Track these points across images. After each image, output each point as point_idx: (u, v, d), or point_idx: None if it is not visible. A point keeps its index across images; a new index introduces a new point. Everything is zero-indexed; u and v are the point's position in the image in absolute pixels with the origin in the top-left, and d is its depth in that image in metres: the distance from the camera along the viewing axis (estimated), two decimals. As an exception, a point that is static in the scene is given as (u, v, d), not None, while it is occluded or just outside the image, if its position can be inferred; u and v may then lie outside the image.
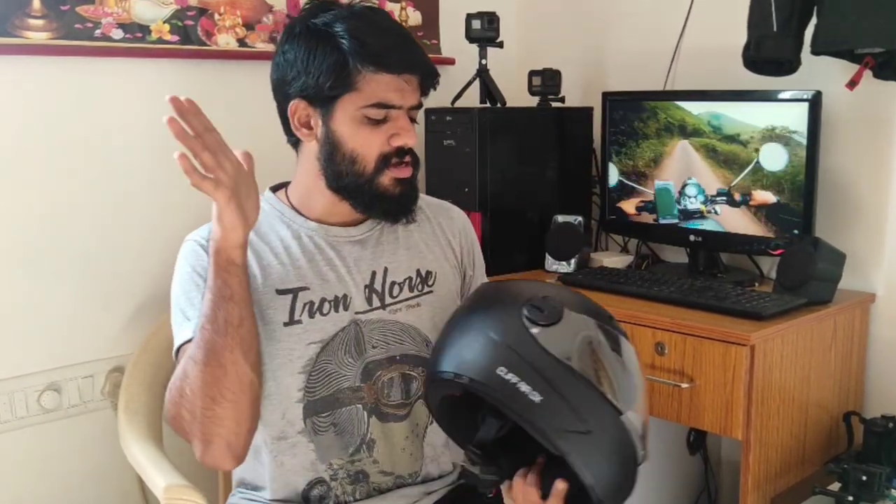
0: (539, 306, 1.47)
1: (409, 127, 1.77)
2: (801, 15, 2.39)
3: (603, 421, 1.42)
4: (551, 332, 1.44)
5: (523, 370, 1.41)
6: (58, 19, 2.31)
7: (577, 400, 1.40)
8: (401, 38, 1.78)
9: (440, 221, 2.00)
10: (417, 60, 1.77)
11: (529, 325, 1.45)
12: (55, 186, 2.35)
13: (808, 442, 2.41)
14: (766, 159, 2.54)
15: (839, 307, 2.42)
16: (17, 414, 2.33)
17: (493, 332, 1.47)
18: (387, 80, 1.72)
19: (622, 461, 1.47)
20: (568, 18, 3.31)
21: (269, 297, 1.76)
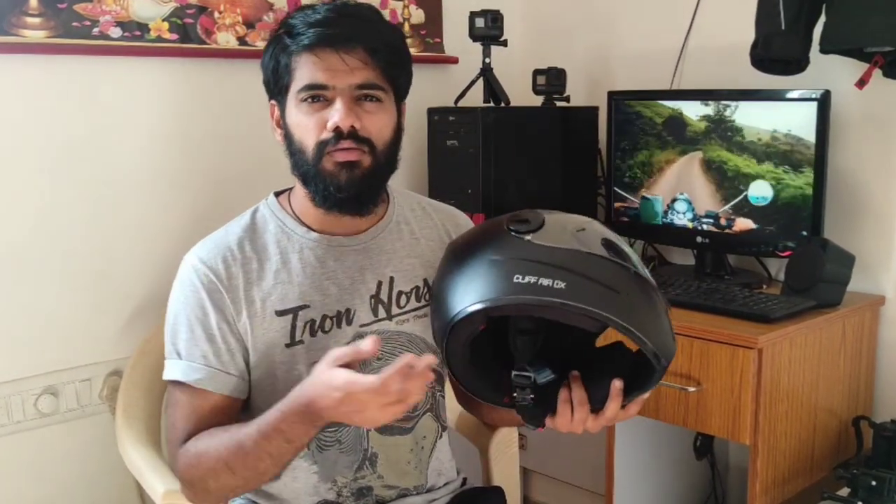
0: (520, 219, 1.53)
1: (343, 107, 1.68)
2: (809, 13, 2.39)
3: (622, 279, 1.48)
4: (542, 234, 1.50)
5: (536, 268, 1.44)
6: (55, 17, 2.31)
7: (593, 271, 1.46)
8: (338, 15, 1.72)
9: (447, 227, 1.97)
10: (346, 35, 1.69)
11: (519, 236, 1.51)
12: (52, 187, 2.36)
13: (816, 447, 2.41)
14: (754, 192, 2.58)
15: (848, 310, 2.42)
16: (14, 418, 2.33)
17: (492, 255, 1.51)
18: (313, 61, 1.68)
19: (655, 311, 1.51)
20: (573, 16, 3.31)
21: (268, 320, 1.75)
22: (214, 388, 1.72)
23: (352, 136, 1.69)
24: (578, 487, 3.27)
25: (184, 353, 1.73)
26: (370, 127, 1.71)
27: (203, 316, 1.73)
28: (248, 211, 1.86)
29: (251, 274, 1.76)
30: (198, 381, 1.71)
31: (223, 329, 1.73)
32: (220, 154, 2.63)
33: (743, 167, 2.58)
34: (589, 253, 1.48)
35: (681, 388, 2.25)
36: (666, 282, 2.56)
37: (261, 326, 1.74)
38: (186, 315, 1.74)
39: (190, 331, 1.73)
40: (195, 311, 1.74)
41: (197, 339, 1.73)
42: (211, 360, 1.72)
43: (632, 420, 2.43)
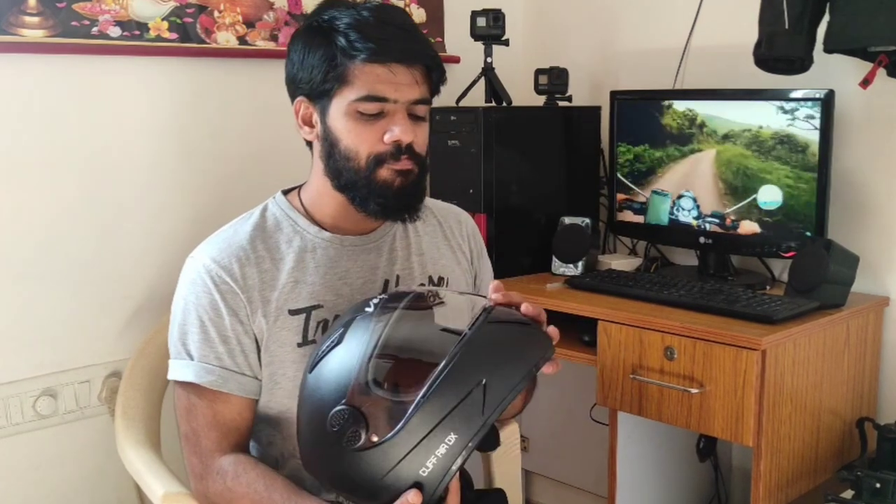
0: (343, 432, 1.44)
1: (405, 122, 1.71)
2: (813, 12, 2.39)
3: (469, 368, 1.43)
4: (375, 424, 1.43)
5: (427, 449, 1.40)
6: (54, 16, 2.31)
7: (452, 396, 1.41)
8: (399, 29, 1.73)
9: (450, 225, 2.00)
10: (414, 51, 1.72)
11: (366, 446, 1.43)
12: (51, 188, 2.35)
13: (820, 448, 2.41)
14: (763, 197, 2.57)
15: (852, 311, 2.42)
16: (12, 420, 2.33)
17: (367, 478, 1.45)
18: (378, 72, 1.68)
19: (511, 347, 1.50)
20: (575, 15, 3.31)
21: (282, 318, 1.75)
22: (230, 389, 1.72)
23: (409, 151, 1.72)
24: (580, 489, 3.27)
25: (196, 355, 1.73)
26: (420, 142, 1.75)
27: (217, 317, 1.73)
28: (257, 209, 1.86)
29: (265, 273, 1.76)
30: (212, 383, 1.71)
31: (237, 330, 1.73)
32: (220, 154, 2.63)
33: (750, 168, 2.58)
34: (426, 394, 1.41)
35: (683, 390, 2.25)
36: (668, 282, 2.56)
37: (275, 325, 1.75)
38: (198, 315, 1.74)
39: (203, 332, 1.73)
40: (208, 312, 1.73)
41: (211, 341, 1.73)
42: (226, 362, 1.73)
43: (634, 422, 2.45)
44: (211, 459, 1.72)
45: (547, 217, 2.92)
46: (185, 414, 1.76)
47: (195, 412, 1.74)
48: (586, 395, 2.76)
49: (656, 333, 2.30)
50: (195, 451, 1.74)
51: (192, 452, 1.75)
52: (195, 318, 1.74)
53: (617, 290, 2.55)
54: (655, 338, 2.30)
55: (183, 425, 1.77)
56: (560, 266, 2.82)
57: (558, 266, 2.83)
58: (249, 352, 1.74)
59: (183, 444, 1.77)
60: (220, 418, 1.73)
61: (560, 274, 2.81)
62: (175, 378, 1.75)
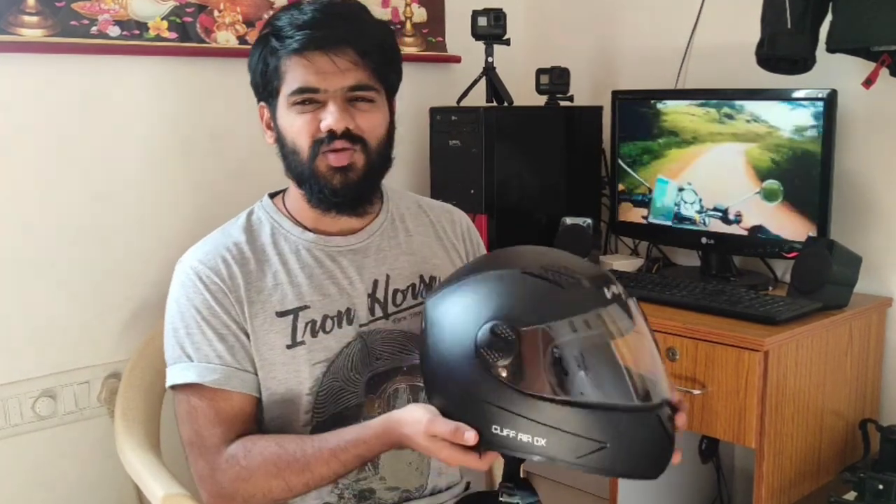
0: (490, 346, 1.43)
1: (336, 109, 1.70)
2: (815, 11, 2.39)
3: (609, 428, 1.41)
4: (515, 367, 1.42)
5: (513, 421, 1.41)
6: (53, 16, 2.31)
7: (577, 426, 1.40)
8: (325, 16, 1.73)
9: (443, 224, 2.00)
10: (337, 37, 1.71)
11: (492, 367, 1.42)
12: (49, 188, 2.35)
13: (823, 450, 2.41)
14: (765, 192, 2.58)
15: (855, 312, 2.42)
16: (11, 421, 2.33)
17: (466, 386, 1.46)
18: (304, 64, 1.70)
19: (641, 452, 1.45)
20: (577, 15, 3.32)
21: (269, 321, 1.75)
22: (233, 386, 1.72)
23: (345, 136, 1.72)
24: (582, 491, 3.27)
25: (196, 355, 1.72)
26: (363, 126, 1.74)
27: (211, 316, 1.73)
28: (243, 213, 1.88)
29: (250, 275, 1.77)
30: (216, 382, 1.71)
31: (233, 328, 1.74)
32: (220, 154, 2.63)
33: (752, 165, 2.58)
34: (567, 402, 1.41)
35: (686, 391, 2.25)
36: (671, 283, 2.56)
37: (262, 328, 1.75)
38: (193, 316, 1.74)
39: (200, 331, 1.73)
40: (202, 311, 1.74)
41: (209, 339, 1.73)
42: (226, 359, 1.72)
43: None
44: (217, 454, 1.70)
45: (548, 217, 2.92)
46: (187, 418, 1.74)
47: (196, 414, 1.73)
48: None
49: (658, 334, 2.29)
50: (201, 453, 1.72)
51: (197, 456, 1.73)
52: (191, 319, 1.75)
53: (618, 291, 2.55)
54: (657, 339, 2.30)
55: (185, 431, 1.75)
56: (561, 267, 2.82)
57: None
58: (247, 348, 1.75)
59: (188, 452, 1.75)
60: (222, 415, 1.72)
61: (561, 274, 2.80)
62: (176, 382, 1.74)
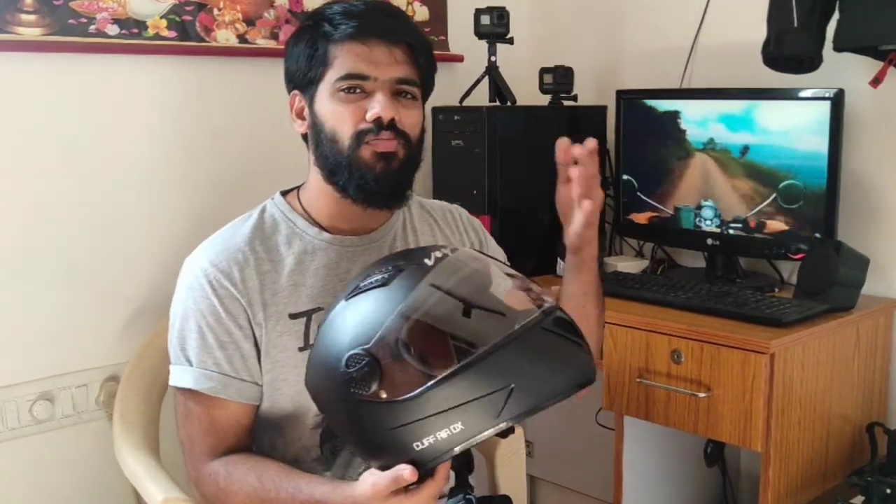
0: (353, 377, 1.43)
1: (386, 99, 1.70)
2: (822, 10, 2.39)
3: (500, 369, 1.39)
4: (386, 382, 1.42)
5: (422, 428, 1.40)
6: (51, 14, 2.32)
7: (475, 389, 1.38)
8: (378, 10, 1.76)
9: (447, 221, 2.00)
10: (395, 30, 1.73)
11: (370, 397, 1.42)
12: (48, 189, 2.36)
13: (830, 454, 2.41)
14: (784, 194, 2.56)
15: (862, 314, 2.42)
16: (9, 425, 2.34)
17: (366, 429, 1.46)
18: (357, 50, 1.70)
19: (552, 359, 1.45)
20: (581, 13, 3.32)
21: (282, 323, 1.75)
22: (229, 395, 1.73)
23: (391, 128, 1.71)
24: (586, 496, 3.27)
25: (195, 361, 1.73)
26: (406, 121, 1.74)
27: (216, 322, 1.73)
28: (255, 210, 1.86)
29: (265, 276, 1.76)
30: (211, 390, 1.72)
31: (236, 335, 1.73)
32: (220, 154, 2.63)
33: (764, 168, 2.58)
34: (449, 376, 1.39)
35: (691, 394, 2.25)
36: (675, 285, 2.56)
37: (275, 329, 1.75)
38: (196, 321, 1.74)
39: (201, 337, 1.73)
40: (206, 317, 1.74)
41: (209, 347, 1.73)
42: (224, 367, 1.73)
43: (641, 426, 2.45)
44: (203, 464, 1.72)
45: (551, 218, 2.89)
46: (183, 420, 1.76)
47: (191, 418, 1.74)
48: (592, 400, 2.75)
49: (663, 336, 2.31)
50: (190, 457, 1.75)
51: (188, 458, 1.76)
52: (194, 324, 1.74)
53: (623, 293, 2.55)
54: (662, 341, 2.31)
55: (181, 431, 1.77)
56: (565, 268, 2.82)
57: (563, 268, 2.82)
58: (249, 357, 1.74)
59: (183, 450, 1.78)
60: (216, 424, 1.73)
61: (565, 276, 2.81)
62: (175, 384, 1.76)
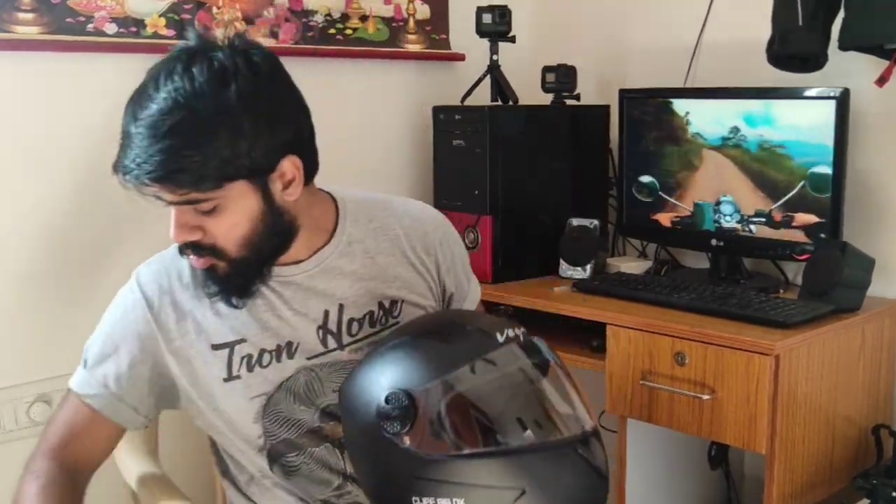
0: (388, 413, 1.45)
1: (173, 225, 1.61)
2: (827, 8, 2.39)
3: (524, 472, 1.43)
4: (417, 433, 1.44)
5: (429, 488, 1.42)
6: (48, 13, 2.32)
7: (491, 478, 1.42)
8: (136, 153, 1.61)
9: (412, 239, 1.88)
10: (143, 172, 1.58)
11: (395, 440, 1.45)
12: (46, 189, 2.36)
13: (835, 456, 2.40)
14: (813, 181, 2.51)
15: (868, 315, 2.42)
16: (6, 427, 2.34)
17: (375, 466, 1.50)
18: None
19: (564, 487, 1.46)
20: (583, 11, 3.31)
21: (205, 353, 1.74)
22: (101, 408, 1.74)
23: (192, 248, 1.64)
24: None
25: (89, 363, 1.75)
26: (214, 231, 1.62)
27: (120, 339, 1.74)
28: None
29: (185, 304, 1.75)
30: (88, 397, 1.73)
31: (135, 357, 1.73)
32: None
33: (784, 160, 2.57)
34: (475, 455, 1.43)
35: (695, 396, 2.25)
36: (679, 286, 2.55)
37: (198, 358, 1.74)
38: (106, 329, 1.76)
39: (103, 344, 1.75)
40: (115, 329, 1.75)
41: (104, 358, 1.74)
42: (110, 381, 1.73)
43: (644, 429, 2.44)
44: (39, 456, 1.73)
45: (554, 218, 2.92)
46: (58, 406, 1.79)
47: (62, 409, 1.77)
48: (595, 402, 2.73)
49: (666, 338, 2.30)
50: (42, 437, 1.75)
51: (42, 436, 1.76)
52: (105, 331, 1.76)
53: (626, 294, 2.55)
54: (666, 343, 2.30)
55: (52, 414, 1.80)
56: (567, 269, 2.82)
57: (566, 269, 2.83)
58: (142, 383, 1.74)
59: None
60: (76, 426, 1.74)
61: (567, 277, 2.81)
62: (71, 383, 1.78)
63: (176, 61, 1.65)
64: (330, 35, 2.85)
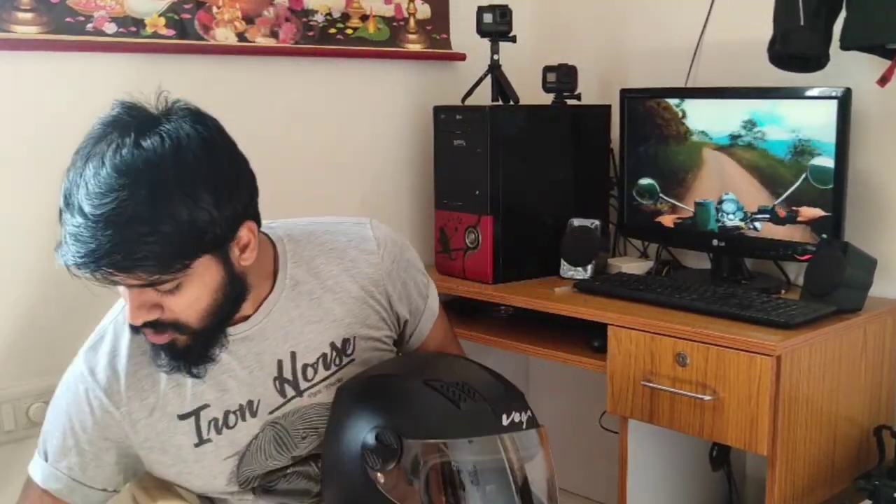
0: (375, 448, 1.51)
1: (130, 306, 1.58)
2: (829, 8, 2.39)
3: None
4: (394, 474, 1.50)
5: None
6: (47, 13, 2.32)
7: None
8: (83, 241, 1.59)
9: (356, 277, 1.85)
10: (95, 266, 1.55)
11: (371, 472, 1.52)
12: (45, 190, 2.34)
13: (836, 457, 2.40)
14: (816, 172, 2.51)
15: (870, 315, 2.41)
16: (5, 428, 2.33)
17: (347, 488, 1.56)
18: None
19: None
20: (585, 11, 3.31)
21: (172, 424, 1.74)
22: (73, 500, 1.75)
23: (151, 326, 1.61)
24: (590, 500, 3.27)
25: (50, 458, 1.75)
26: (173, 308, 1.60)
27: (81, 430, 1.74)
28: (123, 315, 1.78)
29: (143, 382, 1.74)
30: (57, 491, 1.75)
31: (99, 446, 1.74)
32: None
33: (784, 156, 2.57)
34: None
35: (696, 397, 2.24)
36: (680, 286, 2.55)
37: (166, 430, 1.75)
38: (63, 423, 1.76)
39: (63, 439, 1.75)
40: (74, 422, 1.75)
41: (67, 450, 1.75)
42: (75, 473, 1.75)
43: (645, 430, 2.44)
44: None
45: (555, 219, 2.92)
46: (22, 495, 1.81)
47: (26, 499, 1.80)
48: (596, 403, 2.75)
49: (668, 339, 2.30)
50: None
51: None
52: (60, 424, 1.76)
53: (627, 295, 2.55)
54: (667, 343, 2.30)
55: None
56: (568, 269, 2.82)
57: (567, 269, 2.82)
58: (107, 466, 1.76)
59: None
60: None
61: (568, 277, 2.81)
62: (29, 472, 1.79)
63: (118, 135, 1.58)
64: (330, 35, 2.85)
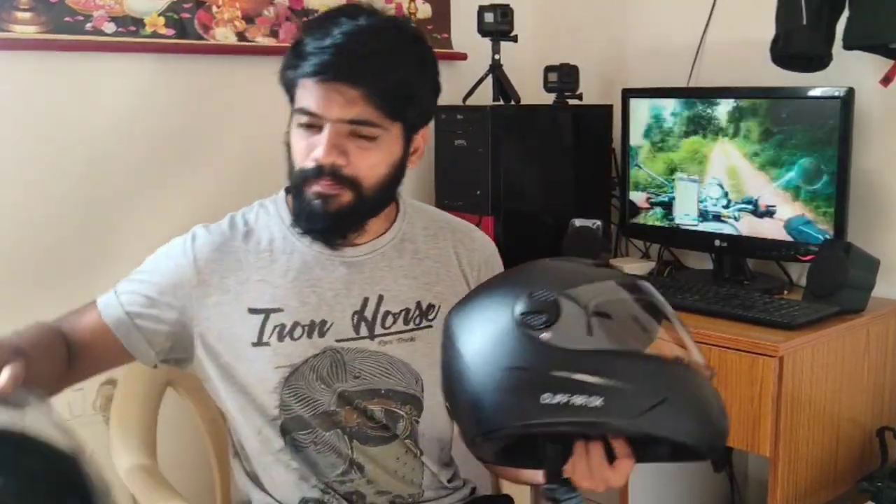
0: (531, 310, 1.39)
1: (328, 142, 1.65)
2: (831, 7, 2.39)
3: (665, 378, 1.36)
4: (561, 329, 1.37)
5: (565, 384, 1.34)
6: (46, 12, 2.32)
7: (632, 378, 1.34)
8: (345, 44, 1.65)
9: (459, 251, 1.92)
10: (353, 70, 1.64)
11: (536, 335, 1.39)
12: (45, 187, 2.36)
13: (839, 458, 2.40)
14: (800, 172, 2.53)
15: (872, 316, 2.41)
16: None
17: (510, 362, 1.38)
18: (310, 86, 1.66)
19: (703, 402, 1.38)
20: (586, 11, 3.32)
21: (240, 314, 1.76)
22: (115, 327, 1.76)
23: (333, 174, 1.67)
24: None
25: (119, 290, 1.79)
26: (359, 164, 1.68)
27: (160, 277, 1.77)
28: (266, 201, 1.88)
29: (234, 264, 1.78)
30: (108, 317, 1.77)
31: (167, 302, 1.76)
32: (218, 154, 2.63)
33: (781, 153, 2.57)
34: (621, 353, 1.37)
35: (698, 398, 2.24)
36: (682, 287, 2.55)
37: (231, 316, 1.76)
38: (149, 269, 1.80)
39: (139, 281, 1.79)
40: (159, 266, 1.79)
41: (137, 291, 1.78)
42: (132, 311, 1.77)
43: (647, 431, 2.43)
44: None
45: (556, 219, 2.92)
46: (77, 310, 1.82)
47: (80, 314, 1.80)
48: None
49: (669, 339, 2.30)
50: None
51: None
52: (146, 267, 1.81)
53: (629, 295, 2.54)
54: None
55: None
56: (570, 270, 2.81)
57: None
58: (162, 325, 1.77)
59: None
60: (80, 336, 1.77)
61: (570, 278, 2.80)
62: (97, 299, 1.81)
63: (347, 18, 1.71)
64: (330, 34, 2.84)
